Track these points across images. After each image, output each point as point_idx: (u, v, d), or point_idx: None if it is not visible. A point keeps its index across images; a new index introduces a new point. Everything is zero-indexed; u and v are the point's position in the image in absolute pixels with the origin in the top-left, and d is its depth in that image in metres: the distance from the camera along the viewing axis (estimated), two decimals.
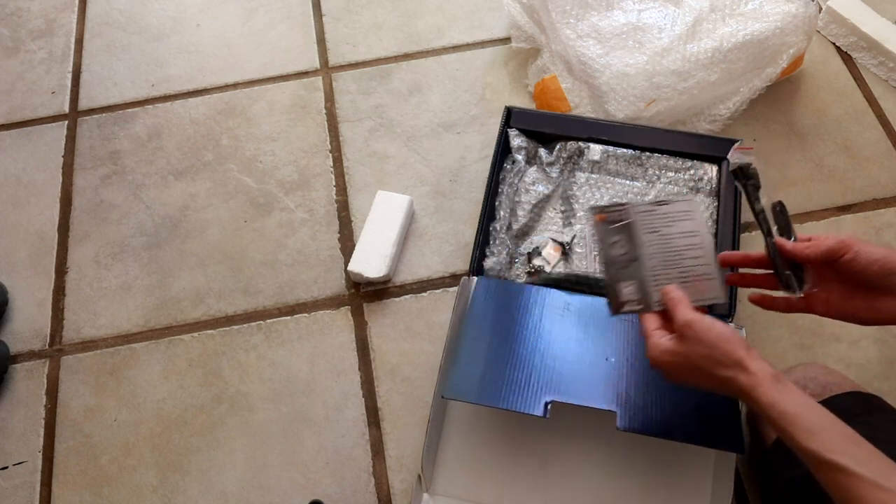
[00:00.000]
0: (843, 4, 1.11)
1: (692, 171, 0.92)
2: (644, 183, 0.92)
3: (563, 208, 0.92)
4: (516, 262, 0.89)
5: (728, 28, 0.97)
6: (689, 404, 0.71)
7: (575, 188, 0.92)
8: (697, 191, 0.91)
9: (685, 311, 0.58)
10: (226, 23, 1.22)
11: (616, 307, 0.61)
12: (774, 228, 0.61)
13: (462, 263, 0.97)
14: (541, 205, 0.93)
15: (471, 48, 1.16)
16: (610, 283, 0.61)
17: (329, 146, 1.08)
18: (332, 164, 1.06)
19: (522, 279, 0.87)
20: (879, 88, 1.09)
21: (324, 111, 1.11)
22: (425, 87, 1.13)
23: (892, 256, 0.55)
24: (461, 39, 1.17)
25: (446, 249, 0.98)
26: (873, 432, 0.61)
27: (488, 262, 0.87)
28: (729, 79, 0.98)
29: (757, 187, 0.63)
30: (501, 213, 0.91)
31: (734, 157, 0.65)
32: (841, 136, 1.05)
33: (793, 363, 0.75)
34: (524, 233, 0.91)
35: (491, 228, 0.90)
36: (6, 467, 0.86)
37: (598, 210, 0.64)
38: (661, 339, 0.59)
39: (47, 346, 0.94)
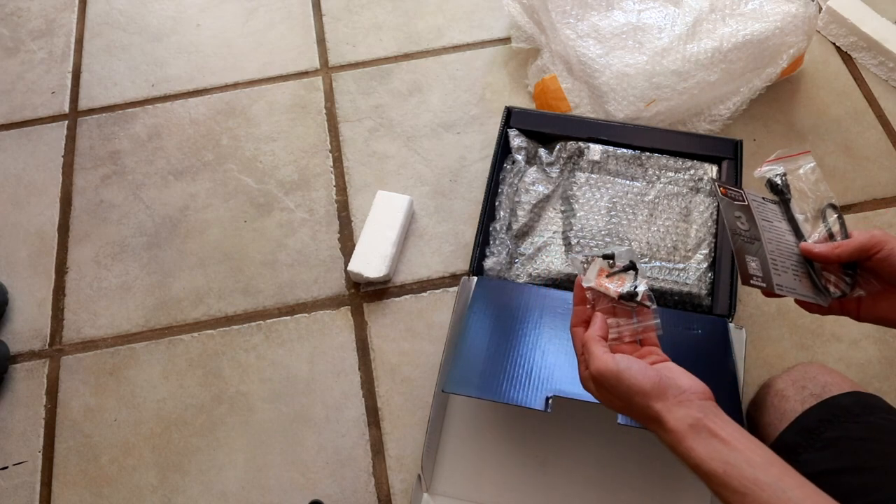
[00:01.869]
0: (843, 4, 1.11)
1: (692, 171, 0.92)
2: (644, 183, 0.92)
3: (563, 208, 0.92)
4: (516, 263, 0.89)
5: (728, 28, 0.97)
6: None
7: (575, 188, 0.92)
8: (697, 191, 0.91)
9: (595, 362, 0.53)
10: (226, 23, 1.22)
11: (744, 278, 0.58)
12: (816, 234, 0.60)
13: (462, 263, 0.97)
14: (541, 205, 0.93)
15: (471, 48, 1.16)
16: (738, 253, 0.59)
17: (329, 146, 1.08)
18: (332, 164, 1.06)
19: (523, 279, 0.87)
20: (879, 88, 1.09)
21: (324, 111, 1.11)
22: (425, 87, 1.13)
23: None
24: (461, 39, 1.17)
25: (446, 249, 0.98)
26: (873, 433, 0.61)
27: (488, 263, 0.87)
28: (729, 79, 0.98)
29: (788, 200, 0.63)
30: (501, 213, 0.91)
31: (766, 171, 0.64)
32: (841, 136, 1.05)
33: (793, 363, 0.75)
34: (524, 233, 0.91)
35: (491, 229, 0.90)
36: (6, 467, 0.86)
37: (721, 184, 0.64)
38: (588, 382, 0.55)
39: (47, 346, 0.94)
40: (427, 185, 1.03)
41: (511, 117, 0.97)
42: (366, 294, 0.95)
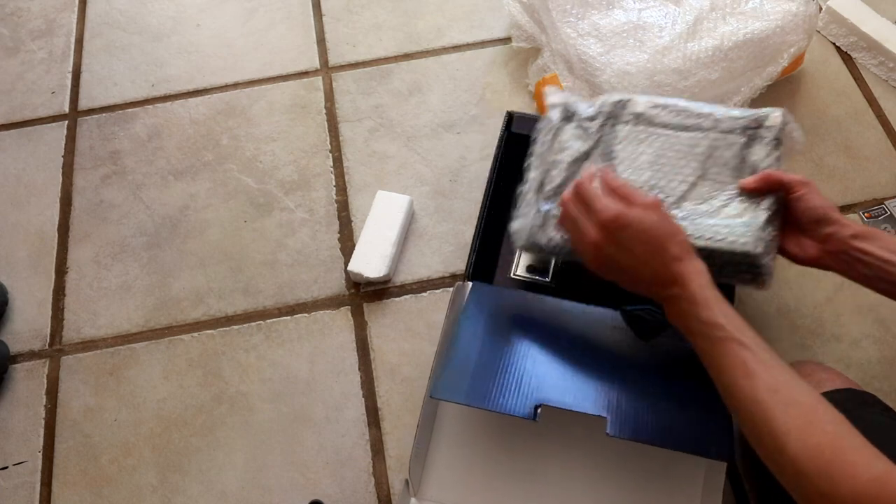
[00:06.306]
0: (843, 4, 1.11)
1: (750, 118, 0.77)
2: (695, 132, 0.78)
3: (601, 165, 0.79)
4: (548, 224, 0.78)
5: (728, 27, 0.97)
6: (681, 413, 0.70)
7: (615, 143, 0.81)
8: (755, 139, 0.76)
9: (610, 207, 0.63)
10: (226, 23, 1.22)
11: None
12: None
13: (462, 263, 0.97)
14: (578, 162, 0.81)
15: (471, 48, 1.16)
16: None
17: (329, 146, 1.08)
18: (332, 164, 1.06)
19: (556, 242, 0.77)
20: (879, 88, 1.09)
21: (324, 111, 1.11)
22: (425, 87, 1.13)
23: (831, 212, 0.65)
24: (461, 39, 1.17)
25: (446, 249, 0.98)
26: (866, 428, 0.61)
27: (515, 225, 0.80)
28: (730, 77, 0.98)
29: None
30: (532, 173, 0.82)
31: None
32: (841, 136, 1.04)
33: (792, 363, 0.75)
34: (557, 193, 0.79)
35: (518, 192, 0.82)
36: (6, 467, 0.86)
37: None
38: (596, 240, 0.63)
39: (47, 346, 0.94)
40: (427, 185, 1.03)
41: (512, 122, 0.96)
42: (366, 294, 0.95)
